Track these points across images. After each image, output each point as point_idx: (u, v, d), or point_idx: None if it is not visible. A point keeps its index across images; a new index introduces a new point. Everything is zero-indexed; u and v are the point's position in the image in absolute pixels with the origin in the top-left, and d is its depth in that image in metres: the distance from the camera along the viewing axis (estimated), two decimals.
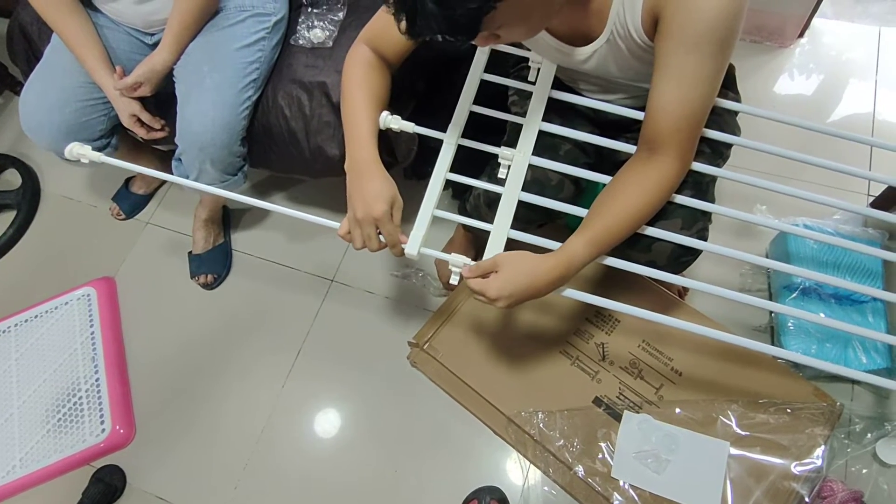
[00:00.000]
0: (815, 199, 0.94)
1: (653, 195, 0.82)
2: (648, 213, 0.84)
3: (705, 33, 0.71)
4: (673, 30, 0.72)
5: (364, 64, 0.92)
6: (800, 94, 1.68)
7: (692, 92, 0.76)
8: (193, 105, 1.13)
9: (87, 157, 0.99)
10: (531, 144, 0.95)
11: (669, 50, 0.74)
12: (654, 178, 0.82)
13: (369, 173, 0.87)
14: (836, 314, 1.21)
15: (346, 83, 0.93)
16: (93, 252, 1.60)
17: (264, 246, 1.56)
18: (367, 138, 0.89)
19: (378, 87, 0.93)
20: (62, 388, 1.38)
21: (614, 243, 0.83)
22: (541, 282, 0.81)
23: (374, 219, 0.85)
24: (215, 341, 1.44)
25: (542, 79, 0.97)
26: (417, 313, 1.41)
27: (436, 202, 0.93)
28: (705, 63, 0.73)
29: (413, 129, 0.96)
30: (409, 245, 0.89)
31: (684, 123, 0.78)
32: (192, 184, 1.00)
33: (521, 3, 0.65)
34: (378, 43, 0.93)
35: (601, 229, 0.82)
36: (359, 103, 0.91)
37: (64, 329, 1.46)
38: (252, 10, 1.19)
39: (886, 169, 1.42)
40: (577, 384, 1.21)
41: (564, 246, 0.83)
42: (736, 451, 1.12)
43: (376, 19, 0.93)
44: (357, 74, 0.92)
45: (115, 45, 1.21)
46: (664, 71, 0.76)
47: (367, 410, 1.32)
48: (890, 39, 1.75)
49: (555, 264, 0.81)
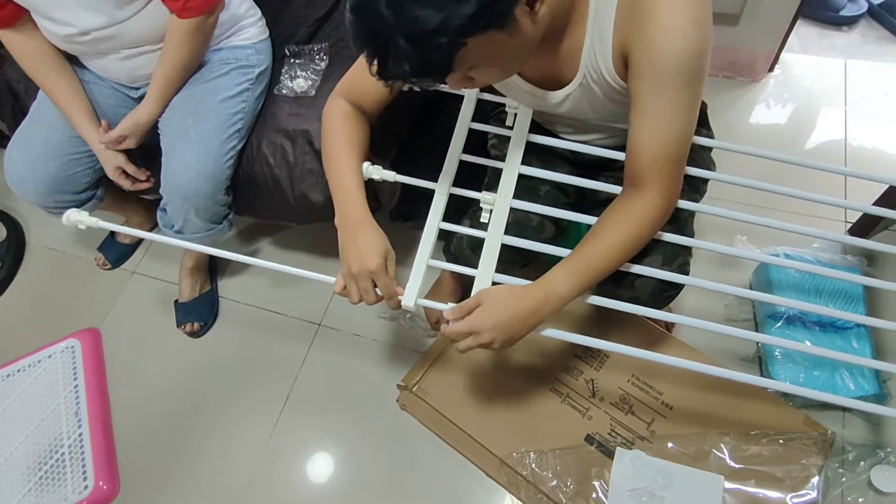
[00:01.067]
0: (792, 230, 0.95)
1: (635, 229, 0.83)
2: (632, 247, 0.85)
3: (673, 70, 0.72)
4: (642, 69, 0.74)
5: (343, 116, 0.93)
6: (774, 125, 1.73)
7: (667, 128, 0.77)
8: (178, 156, 1.15)
9: (84, 224, 0.98)
10: (511, 188, 0.96)
11: (641, 89, 0.76)
12: (636, 212, 0.83)
13: (361, 228, 0.88)
14: (821, 341, 1.21)
15: (327, 137, 0.93)
16: (78, 303, 1.59)
17: (251, 292, 1.55)
18: (356, 193, 0.90)
19: (359, 138, 0.94)
20: (44, 445, 1.35)
21: (597, 276, 0.84)
22: (522, 310, 0.81)
23: (370, 272, 0.86)
24: (202, 391, 1.42)
25: (520, 123, 1.00)
26: (406, 355, 1.41)
27: (430, 253, 0.93)
28: (677, 99, 0.75)
29: (395, 178, 0.97)
30: (406, 297, 0.89)
31: (663, 158, 0.79)
32: (180, 242, 1.00)
33: (492, 40, 0.65)
34: (355, 94, 0.94)
35: (581, 260, 0.83)
36: (343, 157, 0.91)
37: (47, 383, 1.43)
38: (236, 62, 1.22)
39: (861, 195, 1.45)
40: (568, 422, 1.20)
41: (544, 276, 0.84)
42: (731, 484, 1.10)
43: (352, 72, 0.95)
44: (337, 128, 0.93)
45: (101, 100, 1.23)
46: (639, 110, 0.78)
47: (357, 457, 1.30)
48: (855, 70, 1.82)
49: (534, 292, 0.82)
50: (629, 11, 0.73)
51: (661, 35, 0.70)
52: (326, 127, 0.94)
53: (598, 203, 1.04)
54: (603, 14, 0.75)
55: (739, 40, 1.70)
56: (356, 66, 0.94)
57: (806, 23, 1.94)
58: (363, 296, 0.88)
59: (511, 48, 0.69)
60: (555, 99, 0.89)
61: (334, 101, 0.94)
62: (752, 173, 0.95)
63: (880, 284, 0.94)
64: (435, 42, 0.62)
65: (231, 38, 1.23)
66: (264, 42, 1.28)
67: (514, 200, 0.96)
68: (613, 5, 0.74)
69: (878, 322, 0.93)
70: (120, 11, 1.06)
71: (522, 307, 0.81)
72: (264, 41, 1.28)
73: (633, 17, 0.72)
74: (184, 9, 1.06)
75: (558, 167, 1.01)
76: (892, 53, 1.86)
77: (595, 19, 0.76)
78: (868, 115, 1.72)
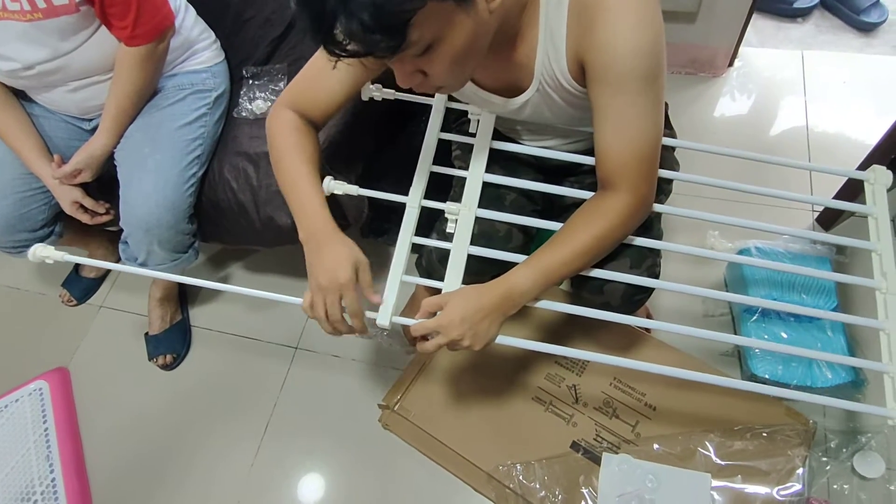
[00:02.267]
0: (761, 228, 0.96)
1: (603, 227, 0.82)
2: (601, 246, 0.84)
3: (629, 72, 0.72)
4: (598, 74, 0.74)
5: (293, 130, 0.89)
6: (738, 117, 1.75)
7: (632, 129, 0.77)
8: (136, 187, 1.11)
9: (51, 259, 0.94)
10: (476, 197, 0.95)
11: (599, 93, 0.76)
12: (605, 210, 0.82)
13: (329, 241, 0.84)
14: (796, 332, 1.22)
15: (280, 152, 0.89)
16: (44, 342, 1.54)
17: (224, 319, 1.52)
18: (319, 208, 0.86)
19: (311, 151, 0.90)
20: (16, 493, 1.29)
21: (561, 273, 0.83)
22: (485, 304, 0.81)
23: (340, 285, 0.81)
24: (178, 425, 1.38)
25: (482, 130, 0.99)
26: (386, 373, 1.38)
27: (404, 268, 0.91)
28: (637, 100, 0.75)
29: (358, 192, 0.96)
30: (381, 315, 0.87)
31: (632, 160, 0.79)
32: (150, 272, 0.97)
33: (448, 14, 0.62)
34: (303, 103, 0.90)
35: (545, 257, 0.83)
36: (300, 172, 0.88)
37: (15, 429, 1.38)
38: (192, 87, 1.19)
39: (826, 183, 1.47)
40: (552, 430, 1.19)
41: (507, 273, 0.84)
42: (718, 482, 1.10)
43: (299, 80, 0.91)
44: (289, 142, 0.89)
45: (52, 134, 1.19)
46: (599, 114, 0.77)
47: (343, 481, 1.27)
48: (812, 60, 1.85)
49: (495, 287, 0.82)
50: (579, 17, 0.72)
51: (613, 38, 0.70)
52: (277, 141, 0.90)
53: (566, 208, 1.03)
54: (554, 20, 0.75)
55: (698, 37, 1.72)
56: (303, 73, 0.91)
57: (762, 16, 1.97)
58: (328, 310, 0.83)
59: (465, 32, 0.65)
60: (514, 105, 0.88)
61: (281, 113, 0.90)
62: (719, 168, 0.96)
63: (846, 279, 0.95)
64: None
65: (185, 62, 1.20)
66: (220, 65, 1.25)
67: (479, 210, 0.95)
68: (564, 11, 0.73)
69: (847, 318, 0.95)
70: (64, 43, 1.02)
71: (485, 301, 0.81)
72: (220, 64, 1.25)
73: (583, 23, 0.72)
74: (132, 36, 1.03)
75: (523, 175, 1.00)
76: (846, 43, 1.90)
77: (546, 25, 0.76)
78: (828, 104, 1.75)
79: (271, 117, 0.91)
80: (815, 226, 1.49)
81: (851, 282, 0.96)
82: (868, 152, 1.31)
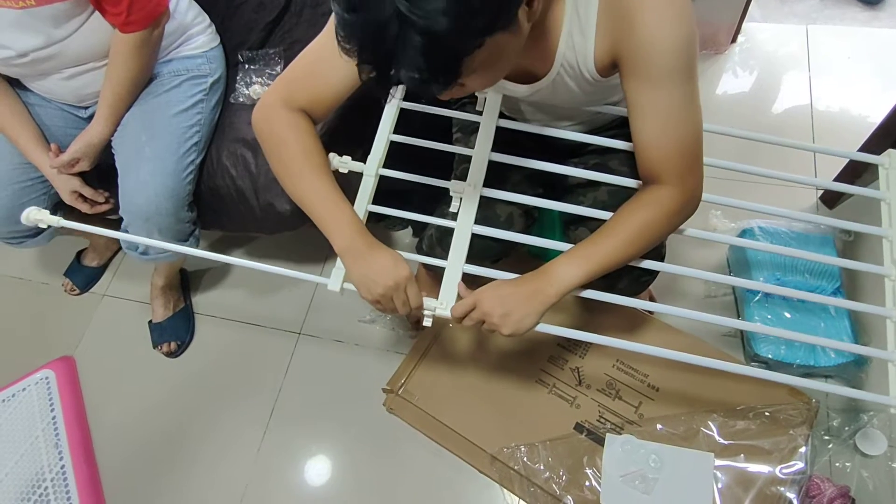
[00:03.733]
0: (765, 211, 0.95)
1: (648, 219, 0.81)
2: (648, 242, 0.82)
3: (668, 65, 0.71)
4: (638, 69, 0.73)
5: (299, 131, 0.83)
6: (741, 94, 1.73)
7: (671, 123, 0.76)
8: (134, 176, 1.11)
9: (45, 222, 0.94)
10: (482, 176, 0.93)
11: (638, 88, 0.74)
12: (649, 202, 0.81)
13: (372, 249, 0.83)
14: (800, 312, 1.22)
15: (288, 156, 0.83)
16: (48, 331, 1.54)
17: (227, 306, 1.52)
18: (350, 217, 0.83)
19: (321, 153, 0.86)
20: (26, 481, 1.31)
21: (605, 265, 0.81)
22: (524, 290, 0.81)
23: (406, 280, 0.82)
24: (185, 411, 1.39)
25: (489, 109, 0.96)
26: (389, 357, 1.39)
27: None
28: (676, 92, 0.74)
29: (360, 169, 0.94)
30: (332, 280, 0.88)
31: (674, 153, 0.78)
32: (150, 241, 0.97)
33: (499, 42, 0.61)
34: (301, 100, 0.84)
35: (589, 248, 0.82)
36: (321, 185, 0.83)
37: (23, 417, 1.39)
38: (187, 73, 1.18)
39: (830, 161, 1.45)
40: (556, 412, 1.19)
41: (547, 263, 0.82)
42: (721, 461, 1.11)
43: (296, 71, 0.84)
44: (298, 145, 0.83)
45: (49, 122, 1.18)
46: (639, 110, 0.76)
47: (348, 465, 1.29)
48: (817, 35, 1.82)
49: (535, 276, 0.81)
50: (612, 14, 0.71)
51: (654, 34, 0.69)
52: (280, 143, 0.84)
53: (570, 190, 1.02)
54: (583, 10, 0.73)
55: (700, 13, 1.68)
56: (301, 64, 0.84)
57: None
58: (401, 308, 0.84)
59: (510, 49, 0.66)
60: (527, 91, 0.87)
61: (279, 112, 0.83)
62: (722, 148, 0.95)
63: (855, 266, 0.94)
64: (453, 41, 0.56)
65: (180, 48, 1.19)
66: (216, 50, 1.23)
67: (484, 189, 0.93)
68: (594, 6, 0.72)
69: (853, 305, 0.94)
70: (58, 30, 1.01)
71: (524, 288, 0.81)
72: (215, 49, 1.24)
73: (618, 17, 0.71)
74: (126, 23, 1.02)
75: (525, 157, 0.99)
76: (851, 17, 1.87)
77: (573, 15, 0.74)
78: (832, 79, 1.72)
79: (265, 110, 0.84)
80: (819, 204, 1.48)
81: (860, 268, 0.94)
82: (872, 130, 1.29)
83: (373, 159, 0.94)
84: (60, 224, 0.94)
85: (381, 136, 0.95)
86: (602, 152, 1.00)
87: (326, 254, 1.55)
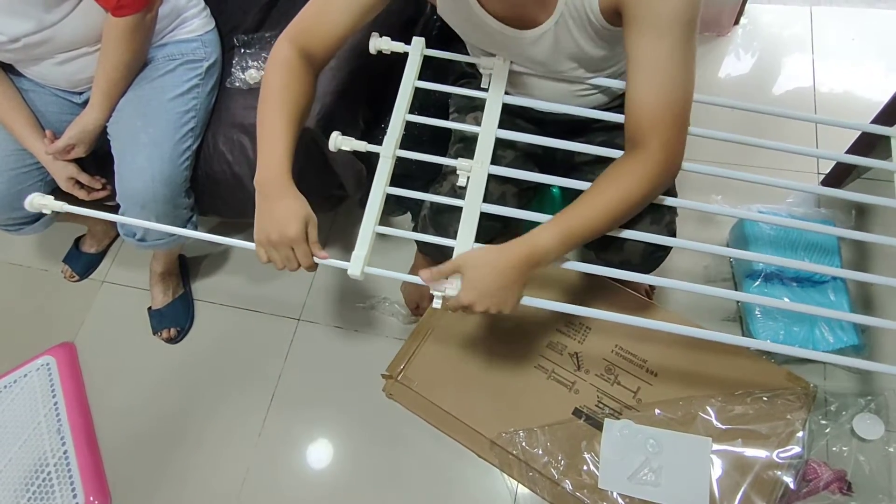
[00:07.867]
0: (766, 182, 0.93)
1: (632, 186, 0.79)
2: (630, 206, 0.81)
3: (674, 15, 0.70)
4: (642, 15, 0.72)
5: (286, 69, 0.86)
6: (743, 77, 1.71)
7: (668, 79, 0.75)
8: (130, 162, 1.10)
9: (48, 208, 0.93)
10: (489, 153, 0.91)
11: (640, 37, 0.73)
12: (631, 169, 0.79)
13: (281, 194, 0.83)
14: (799, 297, 1.22)
15: (266, 90, 0.87)
16: (48, 318, 1.55)
17: (226, 292, 1.52)
18: (280, 156, 0.84)
19: (298, 93, 0.87)
20: (29, 466, 1.33)
21: (587, 234, 0.80)
22: (505, 266, 0.78)
23: (290, 240, 0.82)
24: (185, 397, 1.40)
25: (495, 84, 0.95)
26: (388, 343, 1.39)
27: (376, 219, 0.89)
28: (677, 48, 0.73)
29: (366, 148, 0.92)
30: (352, 265, 0.86)
31: (666, 113, 0.76)
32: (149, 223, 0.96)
33: None
34: (307, 37, 0.87)
35: (569, 215, 0.80)
36: (276, 119, 0.85)
37: (25, 403, 1.40)
38: (182, 57, 1.16)
39: (832, 144, 1.44)
40: (555, 397, 1.20)
41: (528, 232, 0.81)
42: (718, 446, 1.11)
43: (305, 14, 0.88)
44: (276, 83, 0.86)
45: (44, 108, 1.17)
46: (637, 64, 0.75)
47: (348, 449, 1.30)
48: (821, 16, 1.79)
49: (516, 246, 0.79)
50: None
51: None
52: (267, 79, 0.87)
53: (574, 167, 1.01)
54: None
55: None
56: (310, 6, 0.88)
57: None
58: (286, 264, 0.85)
59: None
60: (527, 39, 0.84)
61: (281, 49, 0.87)
62: (723, 129, 0.93)
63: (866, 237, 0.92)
64: None
65: (174, 31, 1.17)
66: (211, 33, 1.22)
67: (491, 167, 0.91)
68: None
69: (852, 274, 0.91)
70: (49, 15, 1.00)
71: (504, 262, 0.78)
72: (210, 32, 1.22)
73: None
74: (118, 6, 1.00)
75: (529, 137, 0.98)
76: None
77: None
78: (836, 61, 1.70)
79: (274, 49, 0.88)
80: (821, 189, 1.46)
81: (872, 240, 0.91)
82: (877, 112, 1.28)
83: (389, 140, 0.92)
84: (65, 209, 0.93)
85: (398, 116, 0.93)
86: (609, 129, 0.99)
87: (325, 239, 1.55)
